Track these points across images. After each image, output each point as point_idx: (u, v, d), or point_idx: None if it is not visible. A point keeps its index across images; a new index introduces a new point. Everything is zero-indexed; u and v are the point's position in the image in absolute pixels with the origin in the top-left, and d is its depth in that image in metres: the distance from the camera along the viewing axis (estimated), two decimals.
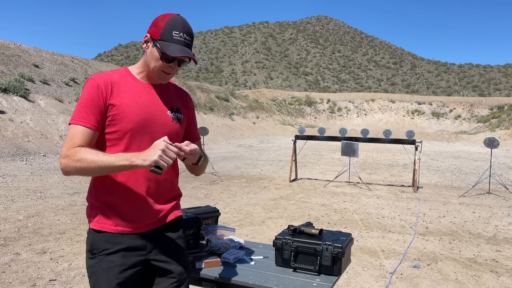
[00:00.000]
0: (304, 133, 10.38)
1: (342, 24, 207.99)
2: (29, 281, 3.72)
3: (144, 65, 1.67)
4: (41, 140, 12.81)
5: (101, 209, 1.63)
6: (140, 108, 1.63)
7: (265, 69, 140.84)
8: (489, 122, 32.97)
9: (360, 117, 40.80)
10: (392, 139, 9.28)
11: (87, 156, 1.48)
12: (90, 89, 1.57)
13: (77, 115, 1.55)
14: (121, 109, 1.59)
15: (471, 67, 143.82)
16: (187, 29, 1.61)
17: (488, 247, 4.99)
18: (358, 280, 3.90)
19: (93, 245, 1.61)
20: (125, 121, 1.60)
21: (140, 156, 1.46)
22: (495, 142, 8.34)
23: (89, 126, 1.55)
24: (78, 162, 1.49)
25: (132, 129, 1.61)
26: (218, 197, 7.70)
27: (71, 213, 6.21)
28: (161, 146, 1.45)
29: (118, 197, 1.63)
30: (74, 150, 1.50)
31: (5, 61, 16.47)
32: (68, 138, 1.54)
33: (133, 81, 1.67)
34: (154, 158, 1.43)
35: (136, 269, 1.63)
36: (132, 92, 1.64)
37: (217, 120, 25.38)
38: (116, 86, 1.61)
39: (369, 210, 6.89)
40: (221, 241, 2.33)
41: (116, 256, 1.60)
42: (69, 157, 1.50)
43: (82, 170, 1.50)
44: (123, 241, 1.62)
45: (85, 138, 1.54)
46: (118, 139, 1.61)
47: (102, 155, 1.49)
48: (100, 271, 1.58)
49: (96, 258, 1.60)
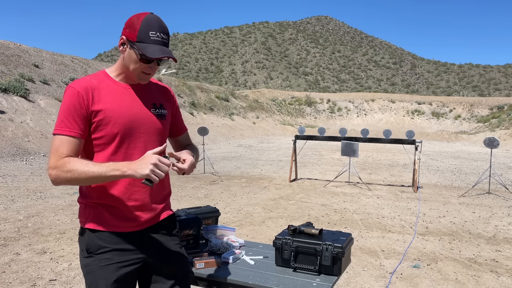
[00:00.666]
0: (304, 133, 10.38)
1: (342, 24, 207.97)
2: (29, 281, 3.72)
3: (122, 67, 1.65)
4: (41, 140, 12.82)
5: (95, 208, 1.63)
6: (124, 110, 1.62)
7: (265, 69, 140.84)
8: (489, 122, 32.97)
9: (360, 117, 40.80)
10: (392, 139, 9.29)
11: (77, 167, 1.48)
12: (71, 97, 1.55)
13: (60, 125, 1.54)
14: (105, 114, 1.58)
15: (471, 67, 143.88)
16: (163, 28, 1.59)
17: (488, 247, 4.99)
18: (358, 280, 3.90)
19: (89, 244, 1.61)
20: (110, 125, 1.59)
21: (131, 166, 1.47)
22: (495, 142, 8.34)
23: (74, 135, 1.53)
24: (69, 173, 1.48)
25: (119, 132, 1.60)
26: (218, 197, 7.70)
27: (71, 213, 6.21)
28: (153, 160, 1.45)
29: (112, 196, 1.63)
30: (63, 161, 1.49)
31: (5, 61, 16.47)
32: (53, 148, 1.52)
33: (112, 84, 1.65)
34: (145, 172, 1.44)
35: (133, 267, 1.64)
36: (113, 95, 1.63)
37: (217, 120, 25.38)
38: (97, 91, 1.59)
39: (369, 210, 6.89)
40: (221, 241, 2.33)
41: (113, 254, 1.60)
42: (58, 168, 1.49)
43: (73, 181, 1.50)
44: (119, 240, 1.63)
45: (71, 147, 1.53)
46: (106, 144, 1.61)
47: (92, 165, 1.49)
48: (97, 269, 1.59)
49: (93, 257, 1.61)
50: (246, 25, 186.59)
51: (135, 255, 1.65)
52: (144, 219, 1.68)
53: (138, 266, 1.66)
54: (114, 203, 1.63)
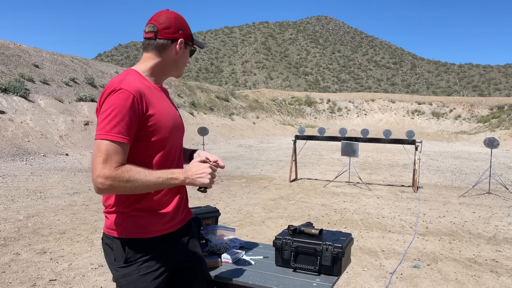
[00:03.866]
0: (304, 133, 10.38)
1: (342, 24, 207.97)
2: (29, 281, 3.72)
3: (162, 66, 1.65)
4: (41, 140, 12.81)
5: (134, 216, 1.58)
6: (168, 113, 1.62)
7: (265, 69, 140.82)
8: (489, 122, 32.99)
9: (360, 117, 40.80)
10: (392, 139, 9.28)
11: (137, 177, 1.44)
12: (125, 101, 1.46)
13: (112, 130, 1.43)
14: (158, 118, 1.56)
15: (471, 67, 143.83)
16: None
17: (488, 247, 4.99)
18: (358, 280, 3.90)
19: (129, 254, 1.57)
20: (163, 129, 1.57)
21: (188, 175, 1.52)
22: (495, 142, 8.34)
23: (127, 142, 1.46)
24: (128, 183, 1.43)
25: (170, 136, 1.60)
26: (218, 197, 7.70)
27: (71, 213, 6.21)
28: (210, 170, 1.54)
29: (153, 200, 1.60)
30: (121, 171, 1.42)
31: (5, 61, 16.47)
32: (105, 155, 1.41)
33: (150, 86, 1.62)
34: (206, 182, 1.52)
35: (169, 272, 1.64)
36: (156, 97, 1.60)
37: (217, 120, 25.38)
38: (145, 94, 1.55)
39: (369, 210, 6.89)
40: (221, 241, 2.33)
41: (151, 261, 1.59)
42: (115, 178, 1.41)
43: (130, 190, 1.46)
44: (157, 245, 1.61)
45: (125, 155, 1.46)
46: (159, 149, 1.59)
47: (149, 174, 1.46)
48: (138, 278, 1.56)
49: (132, 266, 1.57)
50: (246, 25, 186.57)
51: (171, 258, 1.64)
52: (177, 220, 1.69)
53: (172, 269, 1.66)
54: (155, 207, 1.61)
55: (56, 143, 13.18)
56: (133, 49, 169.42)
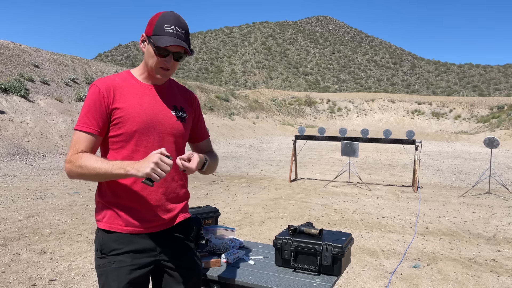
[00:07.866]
0: (304, 133, 10.38)
1: (342, 24, 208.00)
2: (29, 281, 3.72)
3: (144, 65, 1.68)
4: (41, 140, 12.81)
5: (110, 209, 1.64)
6: (143, 109, 1.63)
7: (265, 69, 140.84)
8: (489, 122, 32.98)
9: (360, 117, 40.79)
10: (392, 139, 9.28)
11: (87, 163, 1.52)
12: (92, 95, 1.60)
13: (80, 121, 1.59)
14: (124, 112, 1.60)
15: (471, 67, 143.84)
16: (179, 23, 1.60)
17: (488, 247, 4.99)
18: (358, 280, 3.90)
19: (103, 245, 1.62)
20: (129, 123, 1.60)
21: (135, 166, 1.47)
22: (495, 142, 8.34)
23: (92, 132, 1.58)
24: (79, 168, 1.53)
25: (137, 130, 1.61)
26: (218, 197, 7.70)
27: (71, 213, 6.21)
28: (155, 159, 1.45)
29: (128, 197, 1.63)
30: (77, 156, 1.54)
31: (5, 61, 16.47)
32: (72, 143, 1.59)
33: (135, 83, 1.68)
34: (146, 171, 1.44)
35: (146, 269, 1.63)
36: (134, 94, 1.65)
37: (217, 120, 25.37)
38: (119, 90, 1.63)
39: (369, 210, 6.89)
40: (221, 241, 2.33)
41: (126, 256, 1.60)
42: (72, 163, 1.55)
43: (84, 176, 1.55)
44: (133, 242, 1.62)
45: (87, 143, 1.57)
46: (124, 142, 1.62)
47: (101, 162, 1.51)
48: (110, 271, 1.59)
49: (106, 258, 1.61)
50: (246, 25, 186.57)
51: (148, 257, 1.64)
52: (160, 221, 1.67)
53: (151, 268, 1.66)
54: (131, 204, 1.63)
55: (56, 143, 13.18)
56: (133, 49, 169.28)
